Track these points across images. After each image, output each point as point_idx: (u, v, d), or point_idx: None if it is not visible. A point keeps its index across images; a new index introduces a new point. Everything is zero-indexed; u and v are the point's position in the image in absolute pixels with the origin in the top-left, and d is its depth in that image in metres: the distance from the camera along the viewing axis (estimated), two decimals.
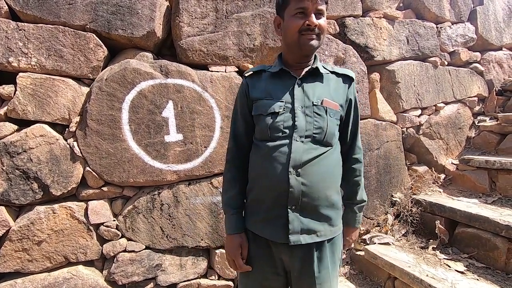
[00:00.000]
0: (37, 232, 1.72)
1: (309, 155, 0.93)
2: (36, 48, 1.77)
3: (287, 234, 0.92)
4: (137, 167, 1.88)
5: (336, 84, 1.02)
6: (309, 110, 0.96)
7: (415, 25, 2.73)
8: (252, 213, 1.04)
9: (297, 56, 1.00)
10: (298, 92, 0.98)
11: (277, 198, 0.94)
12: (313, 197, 0.93)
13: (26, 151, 1.71)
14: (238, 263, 1.02)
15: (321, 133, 0.95)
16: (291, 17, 0.94)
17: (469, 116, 2.91)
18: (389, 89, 2.62)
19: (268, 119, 0.97)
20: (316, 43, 0.95)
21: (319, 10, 0.92)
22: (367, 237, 2.25)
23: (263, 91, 1.02)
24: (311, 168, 0.93)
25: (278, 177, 0.93)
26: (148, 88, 1.91)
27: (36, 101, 1.74)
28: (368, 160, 2.44)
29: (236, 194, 1.08)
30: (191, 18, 2.06)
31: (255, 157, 1.03)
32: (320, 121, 0.95)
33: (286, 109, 0.96)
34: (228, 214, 1.08)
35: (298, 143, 0.93)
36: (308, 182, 0.92)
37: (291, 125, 0.95)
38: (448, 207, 2.09)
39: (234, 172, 1.10)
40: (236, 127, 1.11)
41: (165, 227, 1.97)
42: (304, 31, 0.92)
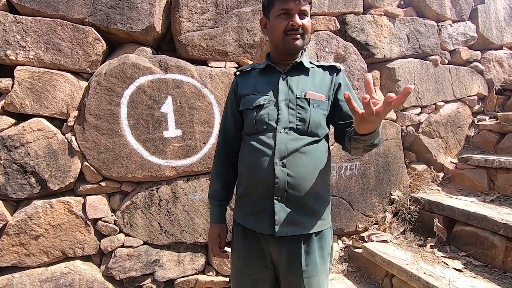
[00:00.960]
0: (34, 227, 1.71)
1: (294, 145, 0.94)
2: (34, 41, 1.75)
3: (273, 226, 0.92)
4: (135, 162, 1.87)
5: (322, 76, 1.04)
6: (292, 103, 0.98)
7: (416, 23, 2.72)
8: (241, 205, 1.05)
9: (283, 55, 1.04)
10: (282, 86, 1.01)
11: (264, 190, 0.95)
12: (299, 189, 0.93)
13: (24, 145, 1.70)
14: (215, 251, 1.12)
15: (304, 124, 0.97)
16: (276, 18, 0.98)
17: (468, 115, 2.91)
18: (389, 87, 2.61)
19: (253, 112, 1.01)
20: (301, 43, 0.98)
21: (302, 10, 0.96)
22: (365, 235, 2.25)
23: (250, 87, 1.07)
24: (296, 159, 0.93)
25: (265, 169, 0.94)
26: (147, 83, 1.89)
27: (34, 95, 1.73)
28: (367, 158, 2.43)
29: (219, 188, 1.15)
30: (191, 13, 2.04)
31: (243, 151, 1.06)
32: (303, 113, 0.97)
33: (270, 103, 1.00)
34: (211, 206, 1.17)
35: (282, 135, 0.95)
36: (294, 173, 0.93)
37: (276, 118, 0.97)
38: (446, 206, 2.09)
39: (219, 167, 1.16)
40: (226, 124, 1.16)
41: (163, 223, 1.96)
42: (288, 31, 0.96)
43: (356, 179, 2.40)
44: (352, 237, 2.36)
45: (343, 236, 2.41)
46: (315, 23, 2.39)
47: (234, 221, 1.09)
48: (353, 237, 2.34)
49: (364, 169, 2.43)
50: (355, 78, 2.44)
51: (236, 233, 1.07)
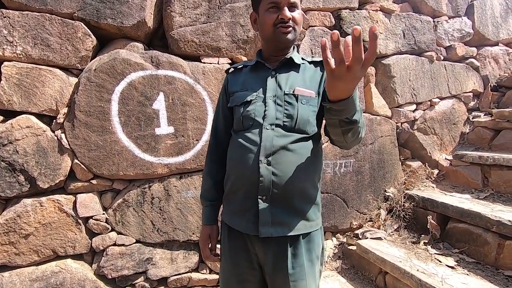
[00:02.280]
0: (24, 225, 1.69)
1: (280, 142, 0.91)
2: (21, 36, 1.71)
3: (257, 226, 0.90)
4: (127, 160, 1.85)
5: (313, 72, 1.01)
6: (280, 99, 0.96)
7: (412, 19, 2.70)
8: (228, 204, 1.03)
9: (274, 49, 1.02)
10: (270, 82, 0.99)
11: (248, 188, 0.92)
12: (285, 188, 0.89)
13: (12, 142, 1.67)
14: (205, 253, 1.12)
15: (291, 121, 0.93)
16: (265, 12, 0.95)
17: (463, 112, 2.90)
18: (384, 84, 2.60)
19: (241, 109, 0.99)
20: (292, 36, 0.96)
21: (292, 3, 0.93)
22: (360, 232, 2.25)
23: (240, 84, 1.05)
24: (282, 156, 0.90)
25: (249, 167, 0.91)
26: (139, 79, 1.86)
27: (22, 91, 1.70)
28: (362, 155, 2.42)
29: (210, 187, 1.14)
30: (183, 8, 2.01)
31: (231, 148, 1.04)
32: (290, 109, 0.94)
33: (258, 99, 0.98)
34: (203, 206, 1.16)
35: (268, 131, 0.92)
36: (279, 171, 0.89)
37: (262, 114, 0.95)
38: (440, 203, 2.09)
39: (210, 166, 1.15)
40: (217, 122, 1.14)
41: (156, 220, 1.94)
42: (278, 24, 0.94)
43: (351, 176, 2.40)
44: (347, 234, 2.35)
45: (338, 233, 2.41)
46: (310, 18, 2.36)
47: (221, 220, 1.07)
48: (347, 234, 2.34)
49: (359, 166, 2.42)
50: None
51: (223, 233, 1.05)
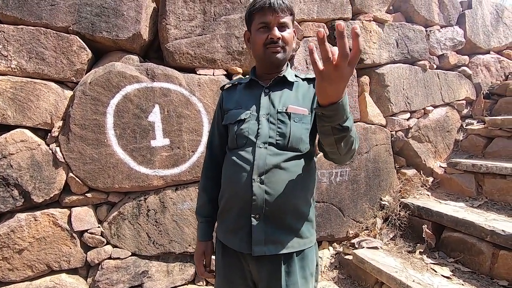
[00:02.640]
0: (18, 240, 1.67)
1: (273, 160, 0.92)
2: (16, 50, 1.71)
3: (251, 245, 0.90)
4: (122, 172, 1.84)
5: (306, 89, 1.03)
6: (273, 117, 0.96)
7: (405, 29, 2.74)
8: (222, 222, 1.04)
9: (267, 68, 1.03)
10: (264, 100, 1.00)
11: (242, 207, 0.93)
12: (278, 207, 0.90)
13: (6, 157, 1.66)
14: (200, 270, 1.12)
15: (284, 139, 0.94)
16: (256, 31, 0.97)
17: (457, 119, 2.94)
18: (378, 93, 2.63)
19: (234, 127, 1.00)
20: (282, 56, 0.97)
21: (281, 23, 0.95)
22: (356, 241, 2.26)
23: (234, 102, 1.06)
24: (275, 175, 0.91)
25: (243, 185, 0.92)
26: (134, 92, 1.87)
27: (17, 105, 1.69)
28: (357, 164, 2.44)
29: (204, 203, 1.14)
30: (178, 20, 2.02)
31: (225, 166, 1.04)
32: (283, 127, 0.95)
33: (251, 117, 0.98)
34: (198, 222, 1.17)
35: (261, 150, 0.93)
36: (272, 190, 0.90)
37: (256, 132, 0.96)
38: (435, 211, 2.11)
39: (205, 182, 1.16)
40: (212, 138, 1.16)
41: (151, 233, 1.93)
42: (268, 44, 0.95)
43: (347, 185, 2.41)
44: (343, 243, 2.36)
45: (334, 242, 2.41)
46: (304, 29, 2.39)
47: (216, 237, 1.07)
48: (343, 244, 2.34)
49: (355, 175, 2.44)
50: None
51: (217, 250, 1.05)
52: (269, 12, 0.93)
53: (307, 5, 2.39)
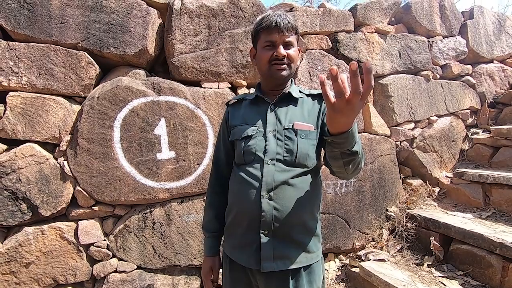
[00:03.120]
0: (25, 254, 1.69)
1: (281, 177, 0.93)
2: (27, 67, 1.76)
3: (259, 261, 0.91)
4: (128, 185, 1.86)
5: (311, 105, 1.05)
6: (280, 134, 0.98)
7: (407, 39, 2.77)
8: (229, 237, 1.04)
9: (271, 84, 1.05)
10: (270, 117, 1.02)
11: (250, 223, 0.94)
12: (286, 222, 0.91)
13: (15, 171, 1.69)
14: (207, 285, 1.13)
15: (291, 155, 0.96)
16: (262, 49, 1.00)
17: (462, 129, 2.93)
18: (382, 103, 2.63)
19: (242, 143, 1.01)
20: (286, 73, 0.99)
21: (287, 42, 0.97)
22: (362, 253, 2.23)
23: (240, 118, 1.08)
24: (284, 191, 0.92)
25: (251, 202, 0.93)
26: (140, 105, 1.90)
27: (26, 120, 1.73)
28: (363, 174, 2.43)
29: (211, 218, 1.15)
30: (183, 35, 2.07)
31: (232, 181, 1.05)
32: (290, 144, 0.97)
33: (258, 133, 1.00)
34: (205, 237, 1.18)
35: (269, 166, 0.94)
36: (281, 206, 0.91)
37: (263, 149, 0.97)
38: (442, 223, 2.08)
39: (211, 197, 1.17)
40: (218, 153, 1.17)
41: (157, 246, 1.94)
42: (273, 61, 0.98)
43: (352, 196, 2.40)
44: (349, 255, 2.33)
45: (340, 254, 2.38)
46: (308, 42, 2.42)
47: (223, 252, 1.08)
48: (350, 256, 2.32)
49: (360, 185, 2.43)
50: None
51: (224, 265, 1.06)
52: (275, 31, 0.96)
53: (310, 18, 2.43)
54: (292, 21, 0.99)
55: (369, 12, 2.63)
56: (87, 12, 1.88)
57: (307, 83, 2.34)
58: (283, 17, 0.96)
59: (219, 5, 2.15)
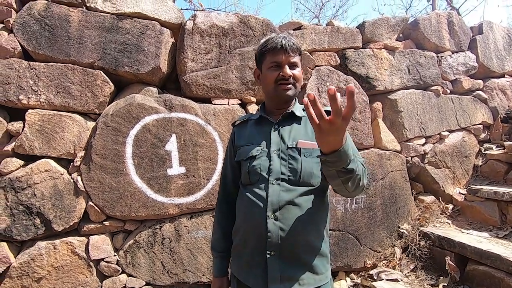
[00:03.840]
0: (37, 269, 1.70)
1: (286, 196, 0.93)
2: (45, 85, 1.83)
3: (266, 282, 0.90)
4: (139, 201, 1.88)
5: None
6: (284, 153, 0.98)
7: (416, 55, 2.78)
8: (236, 257, 1.03)
9: (276, 104, 1.07)
10: (274, 136, 1.02)
11: (257, 243, 0.93)
12: (293, 243, 0.91)
13: (31, 186, 1.73)
14: None
15: (295, 175, 0.95)
16: (267, 69, 1.02)
17: (475, 144, 2.87)
18: (391, 118, 2.62)
19: (247, 163, 1.02)
20: (292, 92, 1.01)
21: (292, 62, 1.00)
22: (374, 272, 2.17)
23: (245, 138, 1.09)
24: (289, 211, 0.92)
25: (257, 222, 0.93)
26: (152, 122, 1.94)
27: (43, 137, 1.79)
28: (373, 190, 2.40)
29: (219, 238, 1.15)
30: (195, 54, 2.13)
31: (239, 201, 1.05)
32: (294, 163, 0.96)
33: (263, 153, 1.00)
34: (213, 257, 1.16)
35: (274, 186, 0.94)
36: (286, 226, 0.91)
37: (267, 169, 0.97)
38: (457, 242, 2.02)
39: (219, 217, 1.17)
40: (225, 174, 1.18)
41: (166, 262, 1.93)
42: (279, 81, 0.99)
43: (362, 212, 2.36)
44: (361, 274, 2.27)
45: (351, 273, 2.32)
46: (316, 59, 2.45)
47: (231, 272, 1.07)
48: (361, 275, 2.26)
49: (370, 202, 2.39)
50: (357, 111, 2.46)
51: (232, 285, 1.04)
52: (281, 53, 0.99)
53: (318, 36, 2.47)
54: (296, 43, 1.02)
55: (377, 29, 2.66)
56: (103, 33, 1.96)
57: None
58: (288, 39, 0.99)
59: (230, 24, 2.22)
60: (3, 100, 1.76)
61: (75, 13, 1.92)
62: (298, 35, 2.41)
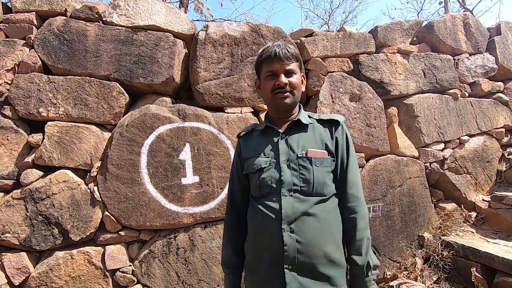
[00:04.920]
0: (55, 279, 1.72)
1: (301, 208, 0.91)
2: (64, 98, 1.88)
3: None
4: (154, 210, 1.88)
5: (322, 131, 1.03)
6: (294, 163, 0.96)
7: (431, 58, 2.71)
8: (250, 273, 1.00)
9: (278, 112, 1.05)
10: (282, 146, 0.99)
11: (273, 258, 0.90)
12: (310, 255, 0.88)
13: (50, 196, 1.76)
14: None
15: (308, 185, 0.93)
16: (264, 79, 1.01)
17: (497, 148, 2.76)
18: (408, 123, 2.55)
19: (256, 176, 0.99)
20: (290, 100, 0.99)
21: (288, 70, 0.98)
22: (395, 284, 2.08)
23: (252, 149, 1.05)
24: (304, 222, 0.89)
25: (272, 236, 0.90)
26: (166, 132, 1.96)
27: (61, 148, 1.83)
28: (391, 198, 2.32)
29: (230, 253, 1.10)
30: (207, 64, 2.15)
31: (251, 214, 1.02)
32: (306, 173, 0.94)
33: (271, 164, 0.97)
34: (225, 274, 1.11)
35: (287, 198, 0.92)
36: (303, 238, 0.88)
37: (278, 180, 0.94)
38: (483, 252, 1.92)
39: (228, 232, 1.13)
40: (233, 187, 1.13)
41: (180, 272, 1.92)
42: (276, 90, 0.98)
43: (380, 221, 2.28)
44: (380, 286, 2.19)
45: None
46: (328, 65, 2.43)
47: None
48: (381, 286, 2.17)
49: (388, 210, 2.31)
50: (372, 117, 2.41)
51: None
52: (276, 61, 0.97)
53: (330, 42, 2.46)
54: (292, 49, 0.99)
55: (390, 33, 2.62)
56: (119, 45, 2.01)
57: (329, 106, 2.33)
58: (282, 47, 0.98)
59: (241, 33, 2.24)
60: (24, 113, 1.82)
61: (92, 28, 1.98)
62: (310, 42, 2.40)
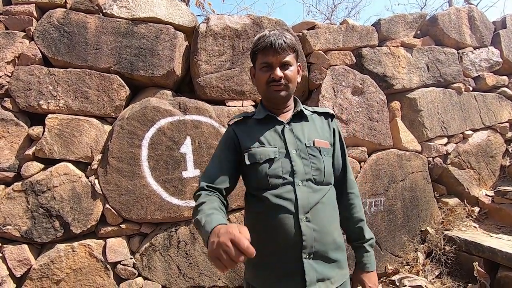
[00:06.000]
0: (56, 271, 1.73)
1: (315, 197, 0.92)
2: (64, 90, 1.87)
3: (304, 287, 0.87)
4: (155, 203, 1.88)
5: (320, 122, 1.05)
6: (304, 152, 0.96)
7: (435, 52, 2.68)
8: (261, 268, 0.94)
9: (272, 104, 1.03)
10: (288, 136, 0.98)
11: (290, 249, 0.89)
12: (323, 242, 0.91)
13: (50, 189, 1.76)
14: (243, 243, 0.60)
15: (320, 174, 0.94)
16: (259, 70, 0.98)
17: (501, 143, 2.73)
18: (411, 118, 2.53)
19: (264, 166, 0.94)
20: (285, 93, 0.98)
21: (284, 62, 0.95)
22: (397, 278, 2.07)
23: (253, 138, 0.99)
24: (318, 211, 0.91)
25: (289, 226, 0.89)
26: (167, 125, 1.95)
27: (62, 141, 1.82)
28: (393, 193, 2.31)
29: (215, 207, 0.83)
30: (208, 56, 2.13)
31: (258, 209, 0.96)
32: (317, 162, 0.95)
33: (281, 154, 0.95)
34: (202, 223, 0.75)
35: (302, 188, 0.91)
36: (318, 226, 0.90)
37: (290, 170, 0.93)
38: (486, 247, 1.90)
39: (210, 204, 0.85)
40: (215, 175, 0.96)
41: (181, 265, 1.92)
42: (270, 82, 0.96)
43: (382, 215, 2.27)
44: (382, 280, 2.18)
45: None
46: (331, 58, 2.40)
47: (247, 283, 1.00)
48: (382, 281, 2.16)
49: (390, 204, 2.30)
50: (375, 111, 2.39)
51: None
52: (271, 52, 0.93)
53: (332, 35, 2.43)
54: (289, 40, 0.95)
55: (393, 26, 2.59)
56: (119, 38, 1.99)
57: (331, 99, 2.31)
58: (278, 38, 0.93)
59: (243, 26, 2.21)
60: (25, 105, 1.81)
61: (92, 20, 1.97)
62: (312, 35, 2.38)
